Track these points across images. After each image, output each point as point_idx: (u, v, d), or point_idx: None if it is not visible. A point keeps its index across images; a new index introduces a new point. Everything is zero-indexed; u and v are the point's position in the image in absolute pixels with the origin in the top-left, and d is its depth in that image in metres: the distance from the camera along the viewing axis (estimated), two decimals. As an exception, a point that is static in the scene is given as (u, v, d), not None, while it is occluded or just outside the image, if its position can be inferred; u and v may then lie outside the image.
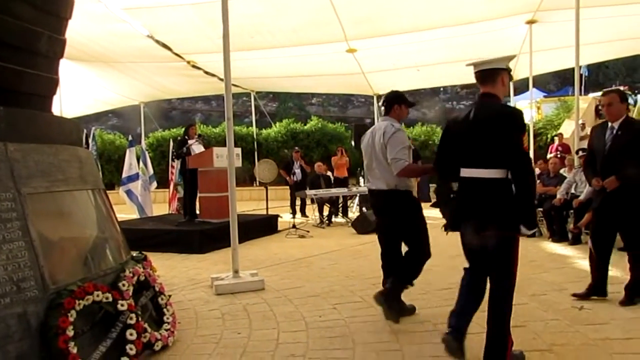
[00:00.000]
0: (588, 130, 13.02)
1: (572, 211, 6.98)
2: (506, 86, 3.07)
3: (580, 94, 10.18)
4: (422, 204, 4.08)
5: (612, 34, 11.54)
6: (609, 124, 4.10)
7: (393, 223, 3.91)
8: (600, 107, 15.88)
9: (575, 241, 6.78)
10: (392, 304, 3.66)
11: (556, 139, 13.31)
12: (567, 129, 13.58)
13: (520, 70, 14.48)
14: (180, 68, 12.98)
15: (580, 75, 9.19)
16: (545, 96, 21.25)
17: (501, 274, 2.92)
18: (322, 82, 15.46)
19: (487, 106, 2.92)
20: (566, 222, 7.15)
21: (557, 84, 30.90)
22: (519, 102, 18.53)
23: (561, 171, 8.19)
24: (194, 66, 12.79)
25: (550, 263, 5.66)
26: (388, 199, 3.86)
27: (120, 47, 11.03)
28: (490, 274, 2.95)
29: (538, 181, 7.92)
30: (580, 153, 7.35)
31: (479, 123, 2.86)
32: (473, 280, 3.06)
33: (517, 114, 2.87)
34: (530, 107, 14.23)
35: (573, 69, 9.12)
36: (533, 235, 7.54)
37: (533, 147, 12.70)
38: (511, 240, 2.89)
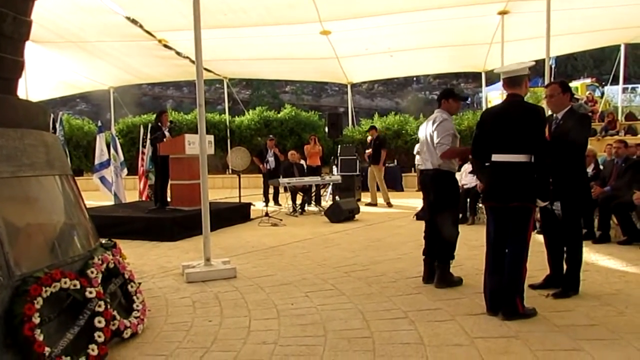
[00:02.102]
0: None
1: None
2: (527, 87, 3.80)
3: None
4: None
5: (581, 25, 11.81)
6: (554, 115, 4.12)
7: (436, 199, 4.54)
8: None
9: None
10: (445, 284, 4.40)
11: None
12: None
13: (491, 61, 14.71)
14: (151, 48, 12.72)
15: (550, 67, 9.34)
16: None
17: (519, 239, 3.58)
18: (296, 67, 15.36)
19: (516, 104, 3.68)
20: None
21: (527, 75, 31.43)
22: (490, 92, 18.84)
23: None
24: (165, 45, 12.54)
25: (518, 251, 5.81)
26: (433, 177, 4.53)
27: (89, 24, 10.75)
28: (509, 240, 3.62)
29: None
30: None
31: (510, 118, 3.60)
32: (497, 258, 3.66)
33: (541, 111, 3.65)
34: (501, 97, 14.45)
35: (543, 60, 9.28)
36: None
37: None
38: (529, 210, 3.60)
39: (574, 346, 2.99)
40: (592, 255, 5.51)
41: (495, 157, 3.64)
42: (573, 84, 20.10)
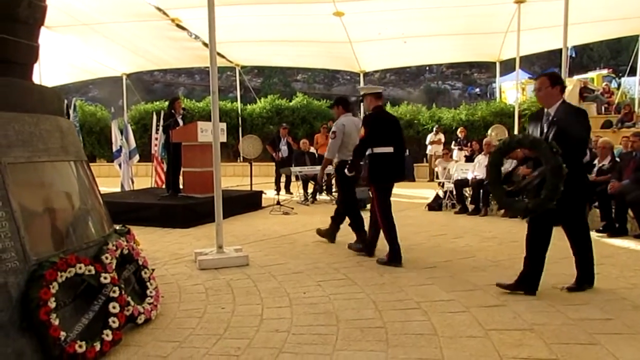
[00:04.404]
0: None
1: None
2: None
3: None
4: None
5: (598, 15, 11.60)
6: (545, 110, 3.91)
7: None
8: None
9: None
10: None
11: None
12: (551, 111, 13.68)
13: (507, 51, 14.51)
14: (165, 29, 12.70)
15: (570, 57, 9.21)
16: (530, 77, 21.32)
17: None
18: (308, 51, 15.22)
19: (387, 112, 5.26)
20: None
21: (542, 65, 30.97)
22: (504, 82, 18.63)
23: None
24: (178, 25, 12.52)
25: (531, 243, 5.75)
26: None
27: (103, 4, 10.76)
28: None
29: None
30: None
31: (391, 121, 5.18)
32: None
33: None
34: (516, 88, 14.28)
35: (558, 50, 9.13)
36: (515, 216, 7.66)
37: (517, 128, 12.78)
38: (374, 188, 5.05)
39: (590, 340, 2.95)
40: (608, 249, 5.45)
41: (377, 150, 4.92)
42: (589, 75, 19.82)
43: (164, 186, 10.23)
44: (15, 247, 2.58)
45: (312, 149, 11.72)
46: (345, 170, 5.29)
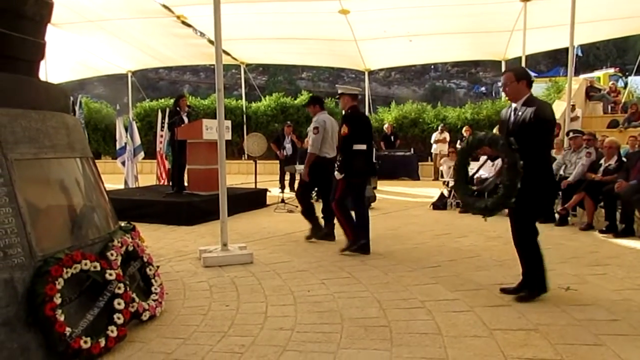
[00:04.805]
0: (578, 111, 13.06)
1: (560, 192, 7.05)
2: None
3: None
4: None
5: (605, 13, 11.53)
6: (513, 105, 3.85)
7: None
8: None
9: (562, 222, 6.86)
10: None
11: None
12: (557, 109, 13.60)
13: (512, 49, 14.45)
14: (170, 26, 12.71)
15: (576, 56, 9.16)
16: (535, 76, 21.25)
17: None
18: (313, 48, 15.20)
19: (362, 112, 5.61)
20: (553, 203, 7.22)
21: (547, 64, 30.88)
22: (509, 82, 18.52)
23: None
24: (183, 22, 12.53)
25: (536, 243, 5.73)
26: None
27: (108, 1, 10.78)
28: None
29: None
30: (571, 135, 7.40)
31: (366, 121, 5.62)
32: None
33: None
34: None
35: (565, 49, 9.09)
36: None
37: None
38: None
39: (595, 341, 2.94)
40: (614, 249, 5.43)
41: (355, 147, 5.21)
42: (595, 74, 19.73)
43: (165, 182, 10.25)
44: (21, 243, 2.59)
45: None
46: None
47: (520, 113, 3.72)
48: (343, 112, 5.52)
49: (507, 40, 13.78)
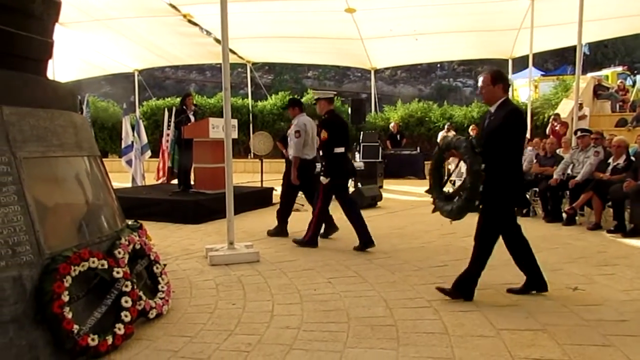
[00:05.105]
0: (586, 110, 12.94)
1: (567, 192, 7.02)
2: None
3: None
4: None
5: (614, 11, 11.44)
6: (489, 109, 3.84)
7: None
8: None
9: (569, 222, 6.81)
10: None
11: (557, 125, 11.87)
12: (565, 108, 13.51)
13: (519, 47, 14.36)
14: (176, 25, 12.73)
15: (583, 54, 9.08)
16: (542, 75, 21.13)
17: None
18: (319, 47, 15.18)
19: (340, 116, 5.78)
20: (561, 202, 7.19)
21: (554, 62, 30.67)
22: (516, 80, 18.43)
23: (557, 151, 8.18)
24: (190, 21, 12.55)
25: (544, 243, 5.69)
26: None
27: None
28: None
29: (535, 161, 7.91)
30: (579, 133, 7.35)
31: (345, 125, 5.77)
32: None
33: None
34: (529, 85, 14.14)
35: (572, 47, 9.03)
36: (527, 215, 7.60)
37: (530, 126, 12.64)
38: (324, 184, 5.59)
39: (604, 341, 2.92)
40: (623, 249, 5.39)
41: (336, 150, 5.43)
42: (603, 72, 19.58)
43: (162, 179, 10.23)
44: (30, 241, 2.60)
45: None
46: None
47: (493, 117, 3.73)
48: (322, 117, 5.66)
49: (514, 38, 13.70)
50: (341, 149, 5.53)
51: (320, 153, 5.71)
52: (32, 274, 2.59)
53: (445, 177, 4.17)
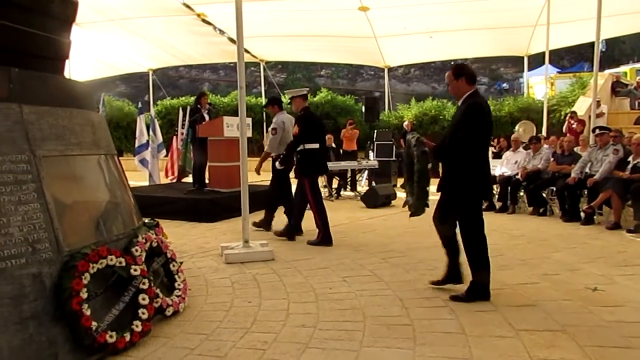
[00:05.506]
0: (604, 107, 12.73)
1: (585, 190, 6.92)
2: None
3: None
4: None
5: (632, 6, 11.26)
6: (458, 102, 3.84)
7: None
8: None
9: (588, 221, 6.71)
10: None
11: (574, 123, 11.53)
12: (581, 106, 13.31)
13: (535, 44, 14.20)
14: (190, 24, 12.79)
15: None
16: (559, 72, 20.86)
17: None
18: (332, 45, 15.15)
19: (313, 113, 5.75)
20: (579, 201, 7.09)
21: (570, 59, 30.26)
22: (532, 77, 18.24)
23: (575, 149, 8.07)
24: (203, 20, 12.61)
25: (562, 243, 5.63)
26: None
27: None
28: None
29: (552, 159, 7.82)
30: (597, 131, 7.24)
31: (320, 121, 6.05)
32: None
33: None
34: (545, 83, 13.97)
35: (588, 44, 8.90)
36: (544, 214, 7.51)
37: (546, 124, 12.50)
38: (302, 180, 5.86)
39: (627, 344, 2.86)
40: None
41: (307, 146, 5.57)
42: (622, 69, 19.27)
43: (172, 178, 10.28)
44: (49, 238, 2.63)
45: (334, 144, 11.65)
46: (277, 164, 5.82)
47: (457, 111, 3.76)
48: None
49: (529, 35, 13.56)
50: (315, 145, 5.67)
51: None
52: (52, 271, 2.61)
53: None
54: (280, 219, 6.46)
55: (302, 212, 5.96)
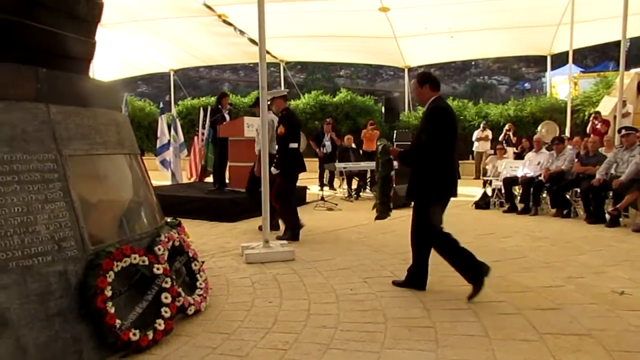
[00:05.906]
0: (630, 107, 12.46)
1: (610, 192, 6.77)
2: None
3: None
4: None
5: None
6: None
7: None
8: None
9: (613, 223, 6.57)
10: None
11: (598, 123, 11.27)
12: (606, 105, 13.05)
13: (558, 43, 13.98)
14: (211, 25, 12.90)
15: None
16: (582, 71, 20.49)
17: None
18: (352, 46, 15.13)
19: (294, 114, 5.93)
20: (604, 203, 6.94)
21: (594, 58, 29.71)
22: (554, 77, 17.96)
23: (600, 150, 7.91)
24: (224, 21, 12.71)
25: (586, 245, 5.52)
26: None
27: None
28: None
29: (576, 160, 7.67)
30: (623, 132, 7.09)
31: (299, 123, 6.23)
32: None
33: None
34: (569, 82, 13.73)
35: (613, 43, 8.73)
36: (568, 216, 7.38)
37: (569, 125, 12.29)
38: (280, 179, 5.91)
39: (655, 348, 2.80)
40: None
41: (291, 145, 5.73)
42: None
43: (193, 178, 10.36)
44: (74, 237, 2.67)
45: (353, 145, 11.63)
46: (272, 169, 5.69)
47: (422, 116, 3.95)
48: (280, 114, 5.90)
49: (552, 34, 13.36)
50: (295, 145, 5.82)
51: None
52: (77, 269, 2.65)
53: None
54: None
55: (291, 208, 5.98)
